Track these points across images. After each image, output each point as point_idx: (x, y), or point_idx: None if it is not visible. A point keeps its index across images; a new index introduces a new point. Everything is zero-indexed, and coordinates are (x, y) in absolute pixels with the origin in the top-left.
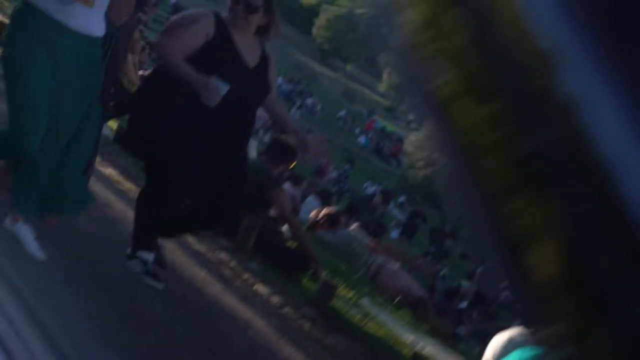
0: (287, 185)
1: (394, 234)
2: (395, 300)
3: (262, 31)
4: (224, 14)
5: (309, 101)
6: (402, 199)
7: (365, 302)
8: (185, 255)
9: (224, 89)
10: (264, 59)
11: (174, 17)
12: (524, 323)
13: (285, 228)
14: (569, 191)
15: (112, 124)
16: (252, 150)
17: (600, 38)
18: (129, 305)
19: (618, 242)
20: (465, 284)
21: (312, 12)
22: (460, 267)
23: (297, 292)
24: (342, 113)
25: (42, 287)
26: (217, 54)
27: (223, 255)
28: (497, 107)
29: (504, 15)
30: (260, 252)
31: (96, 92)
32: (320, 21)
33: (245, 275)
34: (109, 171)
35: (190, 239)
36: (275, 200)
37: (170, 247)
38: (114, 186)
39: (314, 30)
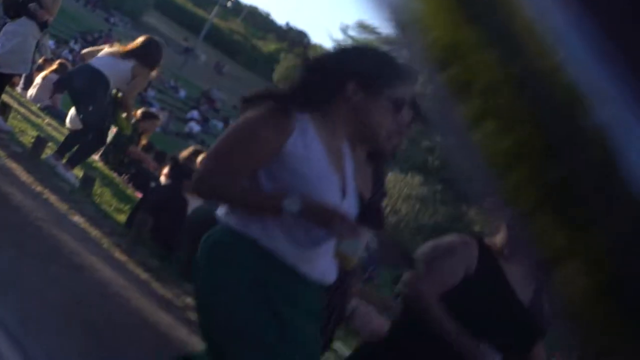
0: None
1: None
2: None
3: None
4: (488, 239)
5: None
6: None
7: (338, 345)
8: (151, 301)
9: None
10: (537, 293)
11: (426, 248)
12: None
13: None
14: (600, 215)
15: (78, 173)
16: None
17: (627, 67)
18: (97, 351)
19: None
20: None
21: (272, 59)
22: None
23: None
24: None
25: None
26: (480, 292)
27: (189, 300)
28: (526, 132)
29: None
30: None
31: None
32: (281, 68)
33: None
34: (77, 218)
35: (155, 284)
36: None
37: (135, 294)
38: (81, 234)
39: (275, 77)
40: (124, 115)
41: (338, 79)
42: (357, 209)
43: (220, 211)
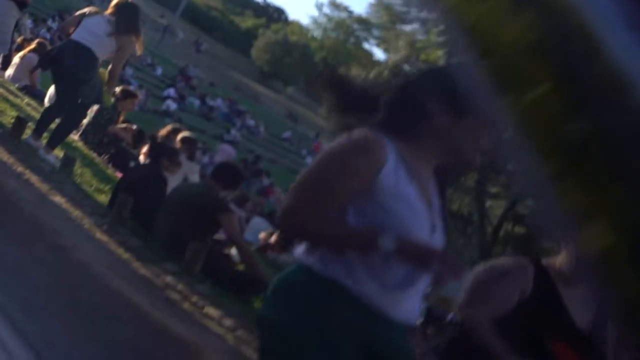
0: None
1: None
2: None
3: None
4: (545, 260)
5: (250, 122)
6: None
7: None
8: (132, 281)
9: None
10: (598, 318)
11: (481, 270)
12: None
13: (233, 251)
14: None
15: (59, 152)
16: (194, 174)
17: None
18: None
19: None
20: None
21: (250, 36)
22: None
23: (250, 314)
24: (287, 134)
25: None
26: (536, 316)
27: (169, 279)
28: (552, 90)
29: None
30: (209, 276)
31: None
32: (259, 43)
33: (195, 298)
34: (58, 199)
35: (135, 264)
36: (225, 224)
37: (117, 274)
38: (63, 214)
39: (254, 52)
40: (106, 88)
41: (423, 102)
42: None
43: (297, 250)
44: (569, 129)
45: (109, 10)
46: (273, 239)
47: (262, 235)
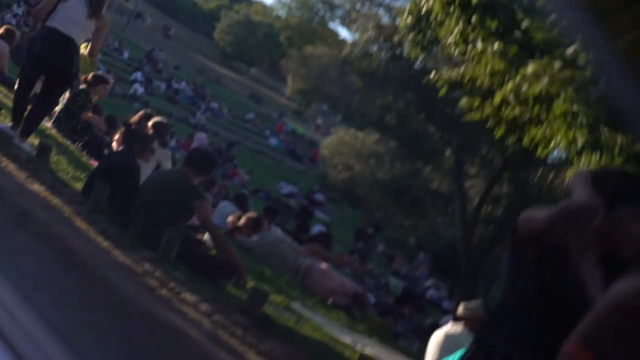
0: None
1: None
2: (329, 301)
3: None
4: None
5: (214, 105)
6: (320, 198)
7: (296, 305)
8: (114, 269)
9: None
10: None
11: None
12: None
13: (207, 236)
14: None
15: (33, 140)
16: (167, 160)
17: None
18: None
19: None
20: (393, 281)
21: (213, 17)
22: (385, 265)
23: (224, 299)
24: (250, 115)
25: None
26: None
27: (147, 266)
28: None
29: None
30: (184, 262)
31: None
32: (222, 25)
33: (172, 284)
34: (36, 187)
35: (115, 252)
36: (198, 210)
37: (99, 262)
38: (41, 202)
39: (216, 34)
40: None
41: None
42: None
43: None
44: None
45: None
46: (241, 222)
47: (230, 218)
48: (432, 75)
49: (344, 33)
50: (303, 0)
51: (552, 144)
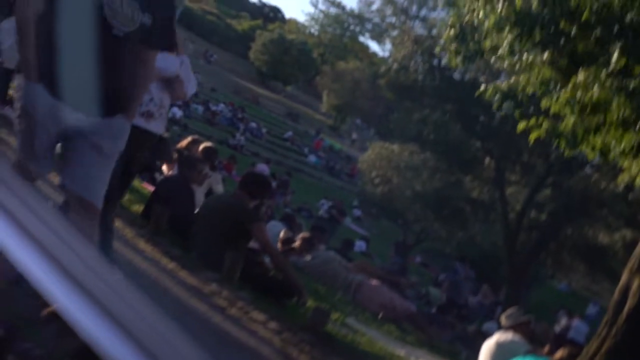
0: None
1: (357, 247)
2: (380, 316)
3: None
4: None
5: (252, 125)
6: (358, 213)
7: (351, 321)
8: (183, 290)
9: None
10: None
11: None
12: None
13: (267, 258)
14: None
15: None
16: (218, 184)
17: None
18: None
19: None
20: (433, 291)
21: (247, 37)
22: (424, 275)
23: (289, 318)
24: (288, 134)
25: None
26: None
27: (214, 287)
28: None
29: None
30: (247, 284)
31: None
32: (257, 45)
33: (240, 304)
34: None
35: (181, 273)
36: (256, 234)
37: (169, 284)
38: None
39: (251, 54)
40: None
41: None
42: None
43: None
44: None
45: None
46: (297, 243)
47: (281, 237)
48: (482, 87)
49: (374, 46)
50: (334, 16)
51: (611, 153)
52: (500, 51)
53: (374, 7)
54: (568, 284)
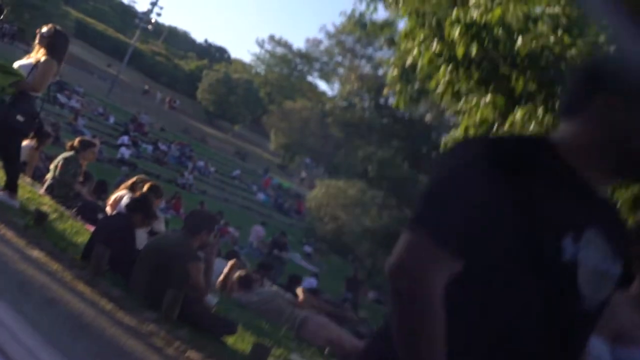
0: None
1: (307, 283)
2: (326, 351)
3: None
4: None
5: (200, 164)
6: (308, 250)
7: (296, 357)
8: (120, 330)
9: None
10: None
11: None
12: None
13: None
14: None
15: (27, 206)
16: (160, 223)
17: None
18: None
19: None
20: None
21: (194, 78)
22: (377, 312)
23: (229, 355)
24: (236, 172)
25: None
26: None
27: (152, 327)
28: None
29: None
30: (186, 321)
31: None
32: (204, 85)
33: (177, 343)
34: (36, 253)
35: (119, 314)
36: (190, 274)
37: (106, 324)
38: (43, 268)
39: (199, 94)
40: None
41: None
42: None
43: None
44: None
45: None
46: (233, 280)
47: (220, 278)
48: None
49: (322, 85)
50: (281, 55)
51: None
52: (440, 87)
53: (322, 46)
54: None
